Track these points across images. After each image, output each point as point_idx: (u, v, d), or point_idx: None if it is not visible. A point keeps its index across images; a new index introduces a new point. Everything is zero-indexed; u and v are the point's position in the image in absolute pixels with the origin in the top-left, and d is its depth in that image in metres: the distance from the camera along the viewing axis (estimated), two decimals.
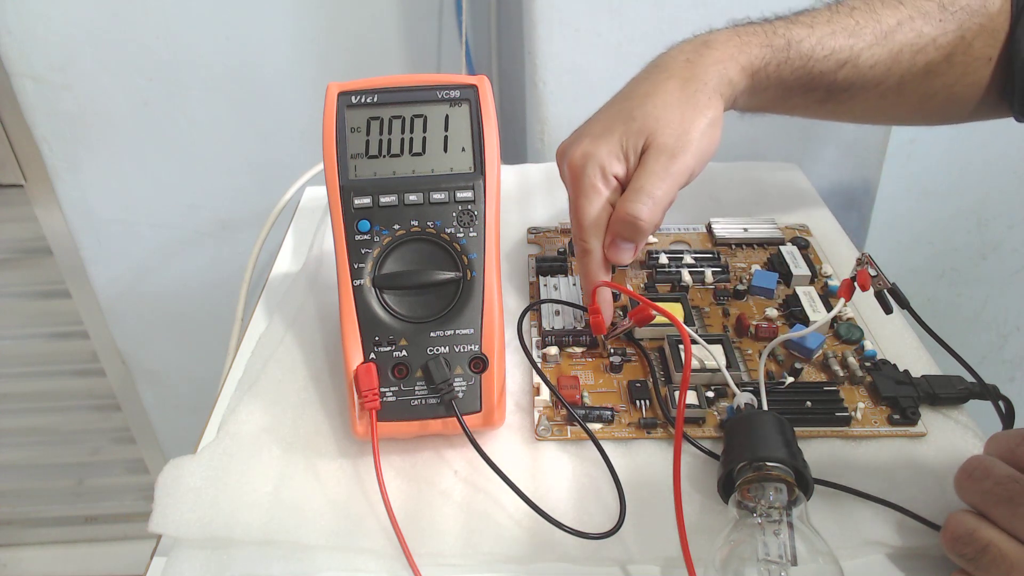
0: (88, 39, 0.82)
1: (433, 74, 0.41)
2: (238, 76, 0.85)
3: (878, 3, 0.47)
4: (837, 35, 0.46)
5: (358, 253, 0.40)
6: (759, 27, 0.46)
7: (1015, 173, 0.78)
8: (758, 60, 0.45)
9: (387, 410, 0.38)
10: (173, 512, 0.36)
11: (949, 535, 0.31)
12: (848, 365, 0.43)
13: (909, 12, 0.46)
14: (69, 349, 1.09)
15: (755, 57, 0.45)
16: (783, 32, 0.45)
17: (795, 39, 0.45)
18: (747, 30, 0.46)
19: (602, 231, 0.43)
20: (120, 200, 0.94)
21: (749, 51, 0.45)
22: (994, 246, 0.83)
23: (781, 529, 0.32)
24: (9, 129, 0.87)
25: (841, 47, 0.45)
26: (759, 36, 0.45)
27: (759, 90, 0.46)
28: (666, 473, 0.38)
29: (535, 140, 0.77)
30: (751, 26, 0.46)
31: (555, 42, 0.70)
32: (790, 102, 0.48)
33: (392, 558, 0.35)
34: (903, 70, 0.47)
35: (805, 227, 0.57)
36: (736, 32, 0.46)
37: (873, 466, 0.38)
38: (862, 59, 0.46)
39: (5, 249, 1.00)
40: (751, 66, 0.45)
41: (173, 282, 1.01)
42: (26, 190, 0.92)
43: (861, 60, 0.46)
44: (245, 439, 0.40)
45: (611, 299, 0.44)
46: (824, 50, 0.45)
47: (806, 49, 0.45)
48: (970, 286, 0.86)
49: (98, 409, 1.17)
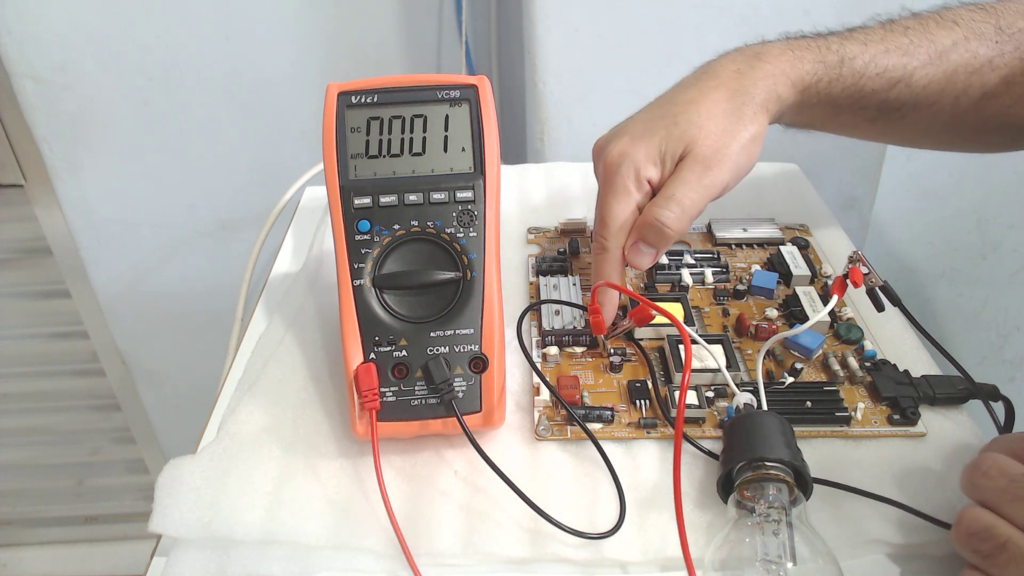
0: (88, 39, 0.82)
1: (433, 74, 0.41)
2: (238, 76, 0.85)
3: (932, 23, 0.46)
4: (891, 53, 0.45)
5: (358, 253, 0.40)
6: (812, 41, 0.46)
7: (1015, 173, 0.78)
8: (809, 76, 0.44)
9: (387, 410, 0.38)
10: (173, 512, 0.36)
11: (964, 531, 0.31)
12: (848, 365, 0.43)
13: (964, 33, 0.46)
14: (69, 349, 1.09)
15: (807, 72, 0.44)
16: (836, 48, 0.45)
17: (848, 56, 0.45)
18: (800, 44, 0.45)
19: (624, 233, 0.42)
20: (120, 200, 0.94)
21: (801, 66, 0.44)
22: (994, 246, 0.83)
23: (781, 529, 0.32)
24: (9, 129, 0.87)
25: (895, 65, 0.45)
26: (812, 51, 0.45)
27: (808, 106, 0.46)
28: (666, 473, 0.38)
29: (535, 140, 0.77)
30: (804, 40, 0.46)
31: (555, 42, 0.70)
32: (839, 119, 0.48)
33: (392, 558, 0.35)
34: (958, 91, 0.46)
35: (805, 227, 0.57)
36: (789, 46, 0.45)
37: (873, 466, 0.38)
38: (915, 78, 0.45)
39: (5, 249, 1.00)
40: (802, 81, 0.44)
41: (173, 282, 1.01)
42: (26, 190, 0.92)
43: (914, 79, 0.45)
44: (245, 439, 0.40)
45: (616, 298, 0.44)
46: (877, 68, 0.45)
47: (859, 66, 0.45)
48: (970, 286, 0.86)
49: (98, 409, 1.17)
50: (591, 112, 0.72)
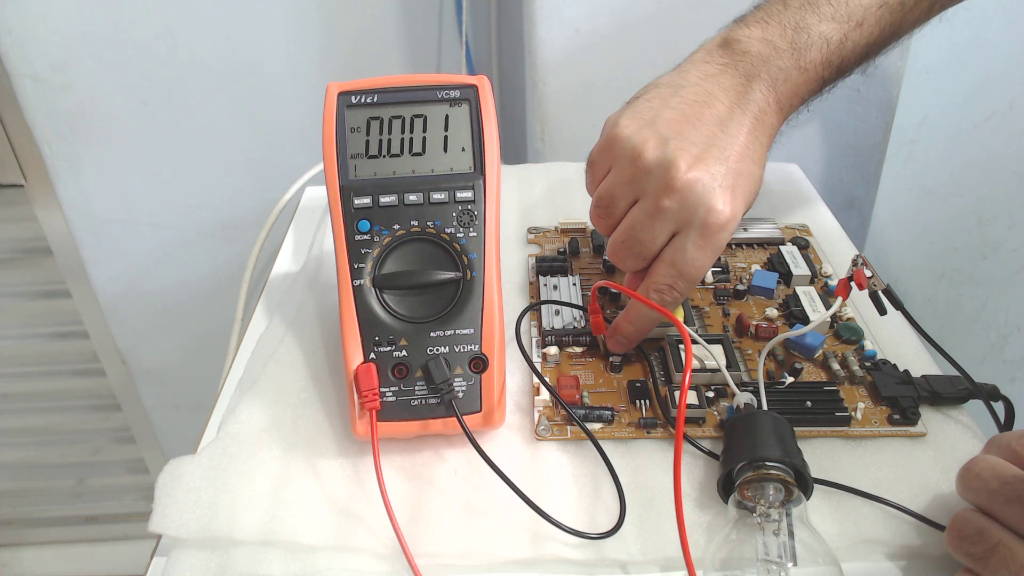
0: (88, 39, 0.82)
1: (433, 74, 0.41)
2: (238, 76, 0.85)
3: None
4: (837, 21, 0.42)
5: (358, 253, 0.40)
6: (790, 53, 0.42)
7: (1015, 173, 0.78)
8: (797, 101, 0.43)
9: (387, 410, 0.38)
10: (173, 512, 0.36)
11: (956, 534, 0.31)
12: (848, 365, 0.43)
13: None
14: (69, 349, 1.09)
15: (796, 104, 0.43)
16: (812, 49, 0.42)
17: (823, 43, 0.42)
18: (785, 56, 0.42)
19: None
20: (120, 200, 0.94)
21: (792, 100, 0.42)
22: (994, 246, 0.83)
23: (781, 529, 0.32)
24: (9, 129, 0.87)
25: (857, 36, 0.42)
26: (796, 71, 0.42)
27: None
28: (666, 473, 0.38)
29: (535, 140, 0.77)
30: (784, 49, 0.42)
31: (555, 42, 0.70)
32: None
33: (392, 558, 0.35)
34: None
35: (805, 227, 0.57)
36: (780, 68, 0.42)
37: (873, 466, 0.38)
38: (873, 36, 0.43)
39: (5, 249, 1.00)
40: (791, 107, 0.43)
41: (173, 282, 1.01)
42: (26, 190, 0.92)
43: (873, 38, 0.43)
44: (245, 439, 0.40)
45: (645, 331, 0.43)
46: (852, 50, 0.43)
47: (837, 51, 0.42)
48: (970, 286, 0.86)
49: (98, 409, 1.17)
50: (591, 112, 0.72)
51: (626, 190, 0.41)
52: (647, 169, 0.39)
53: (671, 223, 0.39)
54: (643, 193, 0.40)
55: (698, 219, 0.38)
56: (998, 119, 0.76)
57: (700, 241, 0.39)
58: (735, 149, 0.39)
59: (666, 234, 0.39)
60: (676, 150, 0.38)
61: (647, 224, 0.39)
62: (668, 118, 0.40)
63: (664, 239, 0.40)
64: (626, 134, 0.40)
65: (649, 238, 0.40)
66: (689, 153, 0.38)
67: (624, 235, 0.41)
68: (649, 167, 0.39)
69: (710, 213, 0.38)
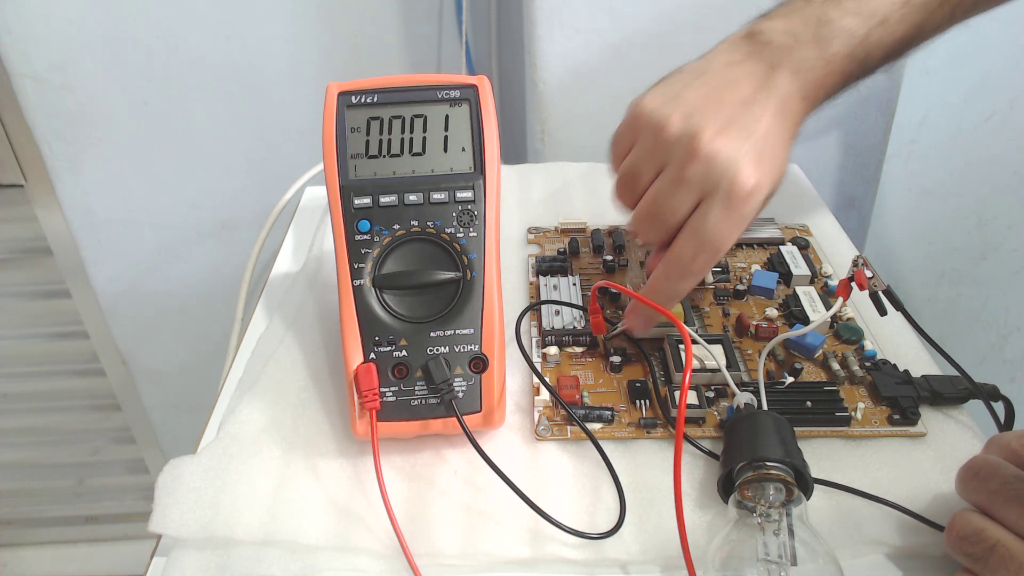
0: (88, 39, 0.82)
1: (433, 74, 0.41)
2: (238, 76, 0.85)
3: None
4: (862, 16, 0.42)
5: (358, 253, 0.40)
6: None
7: (1015, 173, 0.78)
8: (824, 94, 0.42)
9: (387, 410, 0.38)
10: (173, 512, 0.36)
11: (955, 534, 0.31)
12: (848, 365, 0.43)
13: None
14: (69, 349, 1.09)
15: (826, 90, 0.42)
16: None
17: None
18: None
19: None
20: (120, 200, 0.94)
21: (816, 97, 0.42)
22: (994, 246, 0.83)
23: (781, 529, 0.32)
24: (9, 129, 0.87)
25: None
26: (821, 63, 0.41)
27: None
28: (666, 473, 0.38)
29: (535, 140, 0.77)
30: None
31: (555, 42, 0.70)
32: None
33: (392, 558, 0.35)
34: None
35: (805, 227, 0.57)
36: None
37: (873, 466, 0.38)
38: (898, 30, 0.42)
39: (5, 249, 1.00)
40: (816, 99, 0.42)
41: (173, 282, 1.01)
42: (26, 190, 0.92)
43: None
44: (245, 439, 0.40)
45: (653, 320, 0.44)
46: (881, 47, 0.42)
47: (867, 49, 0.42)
48: (970, 286, 0.86)
49: (98, 409, 1.17)
50: (591, 112, 0.72)
51: (649, 163, 0.40)
52: (670, 141, 0.39)
53: (695, 192, 0.39)
54: (666, 163, 0.40)
55: (723, 188, 0.38)
56: (998, 119, 0.76)
57: (724, 211, 0.38)
58: (760, 128, 0.39)
59: (690, 203, 0.39)
60: (700, 122, 0.38)
61: (670, 193, 0.39)
62: (692, 96, 0.40)
63: (688, 208, 0.39)
64: (650, 108, 0.40)
65: (673, 207, 0.39)
66: (713, 125, 0.38)
67: (647, 205, 0.41)
68: (672, 139, 0.39)
69: (735, 182, 0.37)
